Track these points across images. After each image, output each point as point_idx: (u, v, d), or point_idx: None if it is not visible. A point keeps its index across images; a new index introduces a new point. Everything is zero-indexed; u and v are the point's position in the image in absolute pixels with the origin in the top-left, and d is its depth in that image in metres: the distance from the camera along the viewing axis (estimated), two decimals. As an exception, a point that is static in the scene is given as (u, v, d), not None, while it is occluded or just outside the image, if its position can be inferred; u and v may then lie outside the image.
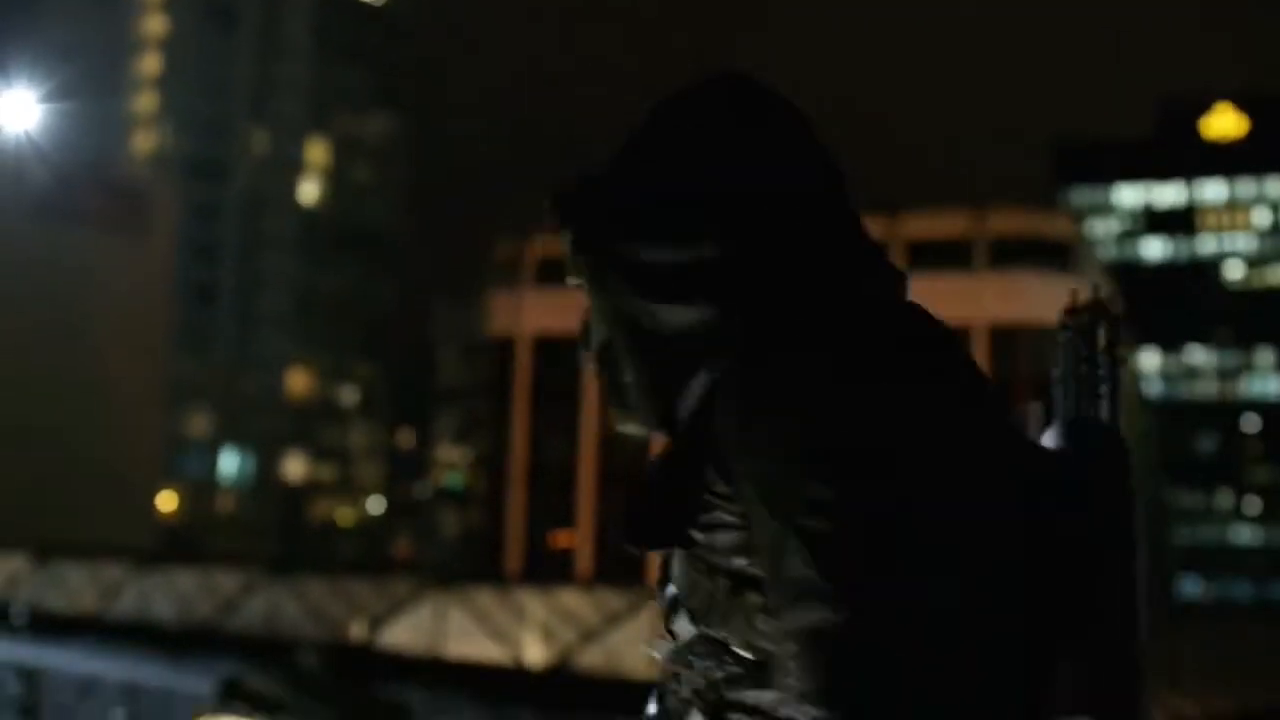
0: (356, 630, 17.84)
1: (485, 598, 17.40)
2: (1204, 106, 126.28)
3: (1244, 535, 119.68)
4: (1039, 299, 52.81)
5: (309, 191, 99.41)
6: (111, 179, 56.18)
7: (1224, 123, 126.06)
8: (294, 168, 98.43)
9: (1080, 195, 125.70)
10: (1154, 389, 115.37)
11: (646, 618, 14.87)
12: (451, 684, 15.33)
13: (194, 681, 13.23)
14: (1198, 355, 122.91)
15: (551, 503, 59.22)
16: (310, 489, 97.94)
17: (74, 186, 52.98)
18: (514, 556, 59.08)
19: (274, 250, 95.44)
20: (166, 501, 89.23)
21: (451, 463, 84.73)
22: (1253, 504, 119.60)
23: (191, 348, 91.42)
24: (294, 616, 18.45)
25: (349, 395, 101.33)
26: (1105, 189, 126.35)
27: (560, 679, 15.07)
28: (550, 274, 61.03)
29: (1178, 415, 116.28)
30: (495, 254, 62.81)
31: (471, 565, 61.08)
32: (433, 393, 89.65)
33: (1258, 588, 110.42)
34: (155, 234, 57.27)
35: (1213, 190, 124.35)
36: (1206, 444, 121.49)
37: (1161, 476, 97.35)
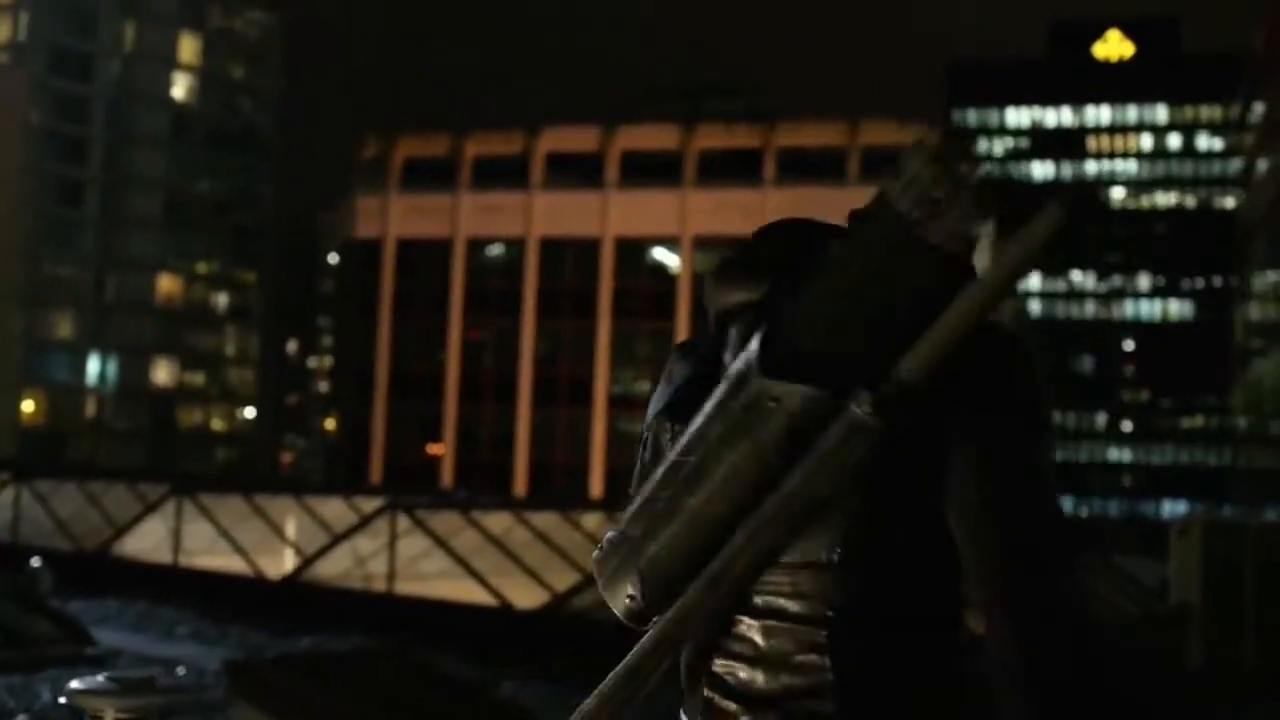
0: (98, 538, 16.77)
1: (234, 506, 16.36)
2: (1097, 31, 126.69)
3: (1118, 455, 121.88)
4: (911, 213, 52.38)
5: (181, 89, 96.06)
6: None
7: (1112, 47, 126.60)
8: (165, 64, 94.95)
9: (971, 116, 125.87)
10: (1034, 310, 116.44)
11: (383, 526, 13.89)
12: (183, 594, 14.33)
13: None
14: (1078, 277, 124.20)
15: (415, 412, 58.09)
16: (182, 396, 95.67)
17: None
18: (377, 467, 57.97)
19: (144, 148, 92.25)
20: (28, 406, 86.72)
21: (328, 370, 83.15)
22: (1127, 425, 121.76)
23: (57, 248, 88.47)
24: (41, 524, 17.33)
25: (222, 301, 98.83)
26: (996, 110, 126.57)
27: (292, 589, 14.10)
28: (416, 177, 59.34)
29: (1057, 336, 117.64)
30: (361, 152, 60.91)
31: (333, 476, 59.86)
32: (315, 299, 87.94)
33: (1129, 506, 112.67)
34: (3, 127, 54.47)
35: (1100, 114, 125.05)
36: (1084, 364, 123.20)
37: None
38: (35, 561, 14.82)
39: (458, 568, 12.84)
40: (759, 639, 1.79)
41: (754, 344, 1.75)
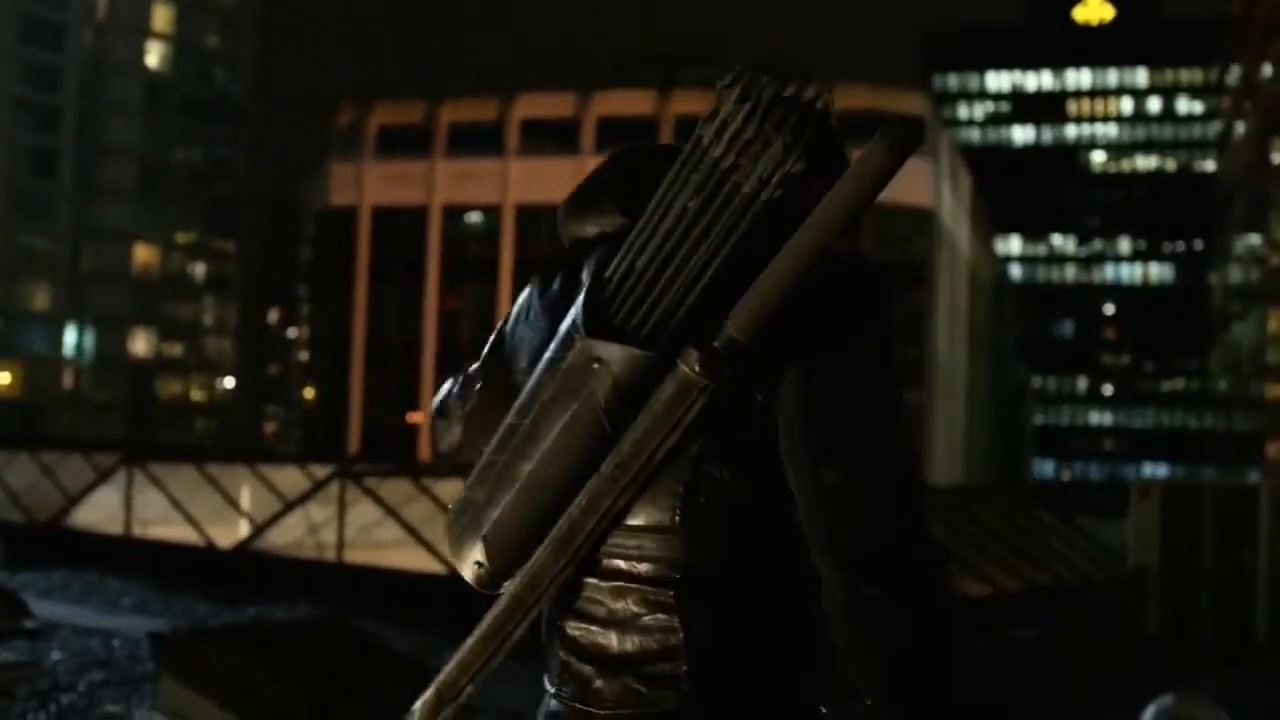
0: (51, 510, 16.59)
1: (186, 476, 16.18)
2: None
3: (1099, 419, 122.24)
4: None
5: (154, 57, 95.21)
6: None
7: (1092, 11, 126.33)
8: (138, 32, 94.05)
9: (951, 81, 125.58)
10: (1015, 274, 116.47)
11: (335, 491, 13.72)
12: (133, 565, 14.16)
13: None
14: (1059, 241, 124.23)
15: (393, 382, 57.85)
16: (160, 367, 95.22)
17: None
18: (354, 437, 57.76)
19: (118, 117, 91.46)
20: (4, 378, 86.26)
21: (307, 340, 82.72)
22: (1108, 388, 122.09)
23: (32, 217, 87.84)
24: (-6, 495, 17.14)
25: (200, 271, 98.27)
26: (976, 75, 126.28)
27: (243, 559, 13.94)
28: (391, 144, 58.94)
29: (1038, 300, 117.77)
30: (336, 120, 60.43)
31: (313, 446, 59.61)
32: (296, 269, 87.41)
33: (1111, 469, 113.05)
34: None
35: (1080, 78, 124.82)
36: (1065, 329, 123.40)
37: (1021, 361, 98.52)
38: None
39: (410, 536, 12.70)
40: (609, 601, 1.74)
41: (579, 302, 1.72)
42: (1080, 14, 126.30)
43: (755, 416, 1.66)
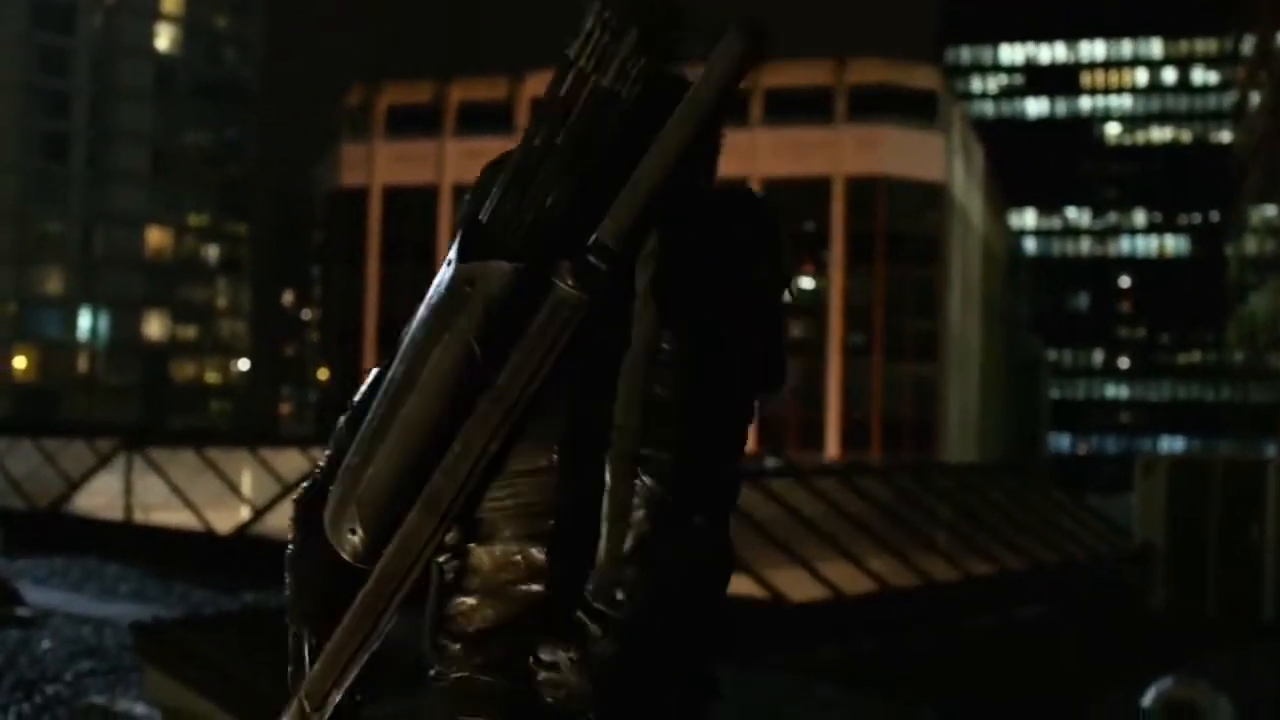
0: (51, 496, 16.53)
1: (186, 460, 16.09)
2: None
3: (1114, 392, 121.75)
4: (899, 152, 51.82)
5: (164, 40, 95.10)
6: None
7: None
8: (147, 15, 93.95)
9: (964, 54, 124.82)
10: (1030, 247, 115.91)
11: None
12: (132, 552, 14.09)
13: None
14: (1074, 214, 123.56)
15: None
16: (174, 349, 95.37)
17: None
18: (368, 417, 57.79)
19: (129, 101, 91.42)
20: (20, 362, 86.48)
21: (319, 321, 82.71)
22: (1124, 361, 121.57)
23: (44, 202, 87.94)
24: (-4, 482, 17.08)
25: (213, 253, 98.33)
26: (990, 47, 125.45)
27: (242, 544, 13.86)
28: (401, 124, 58.79)
29: (1053, 274, 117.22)
30: (345, 100, 60.34)
31: (326, 427, 59.64)
32: (306, 250, 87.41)
33: (1127, 443, 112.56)
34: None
35: (1094, 49, 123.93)
36: (1081, 302, 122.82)
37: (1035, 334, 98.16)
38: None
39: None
40: (481, 567, 1.60)
41: (459, 234, 1.63)
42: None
43: (623, 335, 1.57)
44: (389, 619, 1.62)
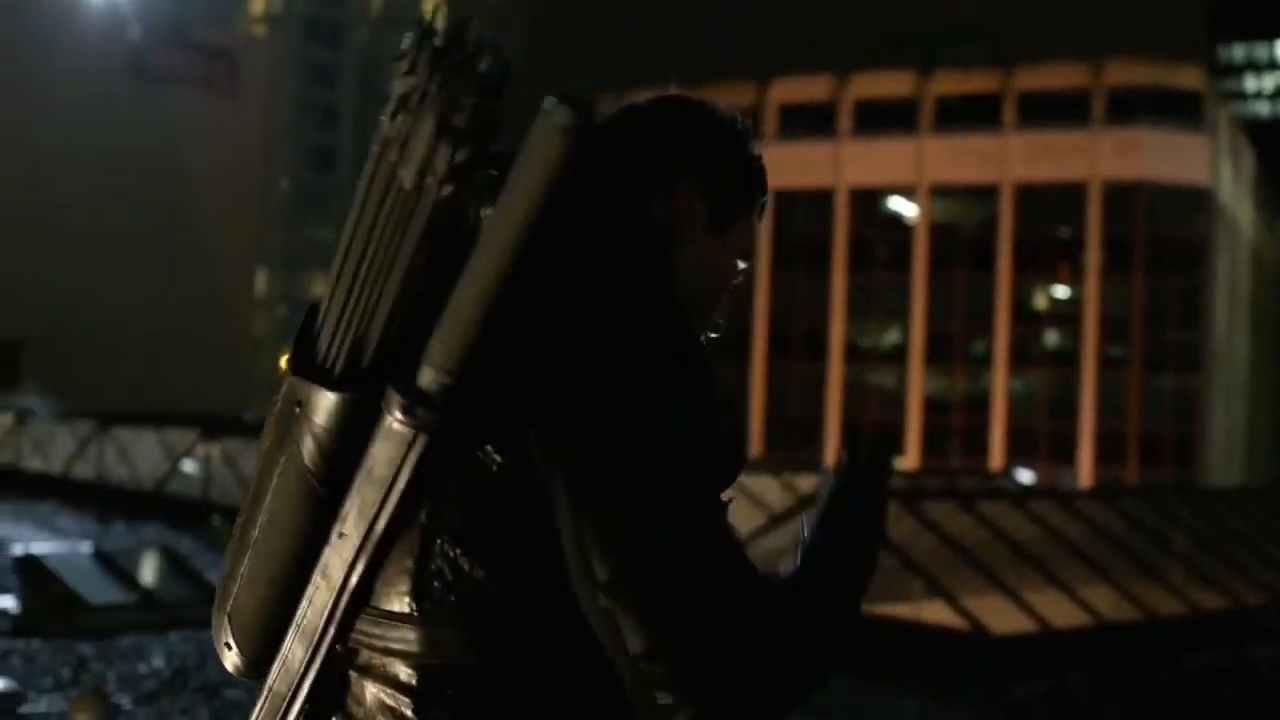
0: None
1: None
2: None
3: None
4: (1161, 155, 49.73)
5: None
6: (200, 39, 55.49)
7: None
8: (410, 27, 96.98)
9: (1238, 52, 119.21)
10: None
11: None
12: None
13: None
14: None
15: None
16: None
17: (164, 46, 52.49)
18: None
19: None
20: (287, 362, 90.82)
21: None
22: None
23: (312, 212, 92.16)
24: (224, 479, 17.83)
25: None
26: (1266, 44, 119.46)
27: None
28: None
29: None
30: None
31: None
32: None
33: None
34: (246, 94, 56.64)
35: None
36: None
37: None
38: (215, 520, 15.32)
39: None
40: (366, 701, 1.41)
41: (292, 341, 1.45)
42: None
43: (496, 484, 1.35)
44: None
